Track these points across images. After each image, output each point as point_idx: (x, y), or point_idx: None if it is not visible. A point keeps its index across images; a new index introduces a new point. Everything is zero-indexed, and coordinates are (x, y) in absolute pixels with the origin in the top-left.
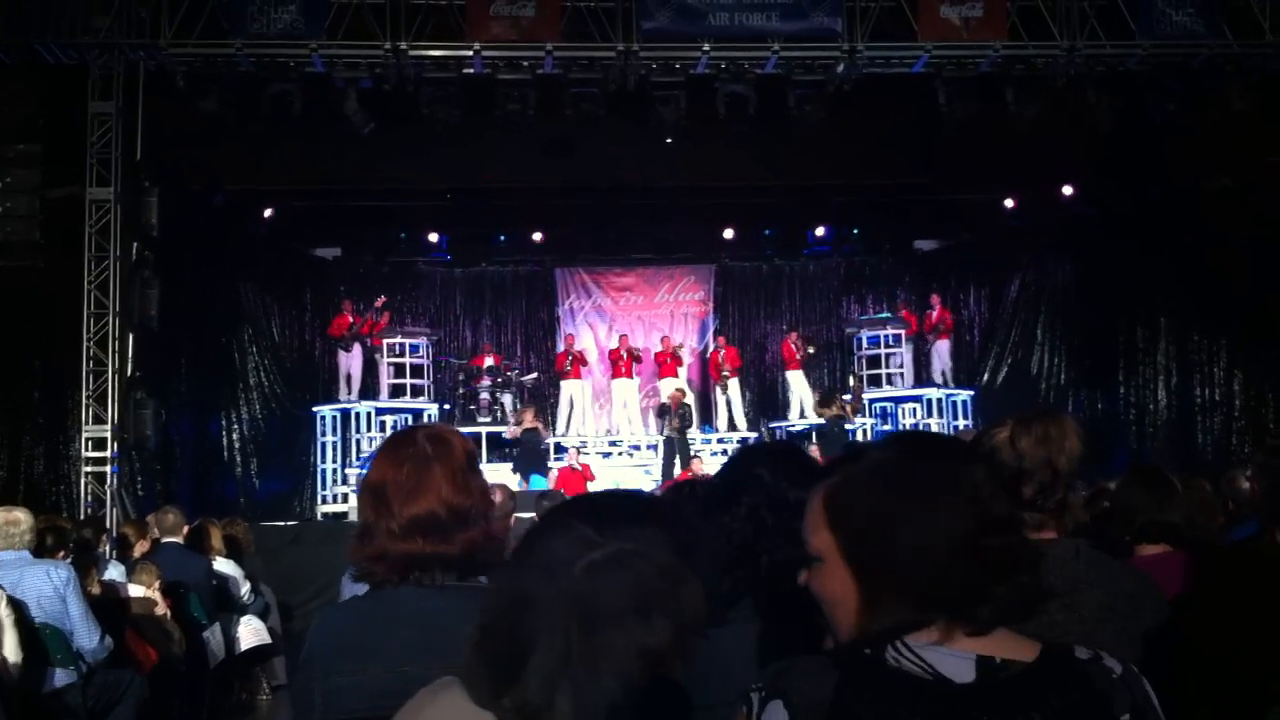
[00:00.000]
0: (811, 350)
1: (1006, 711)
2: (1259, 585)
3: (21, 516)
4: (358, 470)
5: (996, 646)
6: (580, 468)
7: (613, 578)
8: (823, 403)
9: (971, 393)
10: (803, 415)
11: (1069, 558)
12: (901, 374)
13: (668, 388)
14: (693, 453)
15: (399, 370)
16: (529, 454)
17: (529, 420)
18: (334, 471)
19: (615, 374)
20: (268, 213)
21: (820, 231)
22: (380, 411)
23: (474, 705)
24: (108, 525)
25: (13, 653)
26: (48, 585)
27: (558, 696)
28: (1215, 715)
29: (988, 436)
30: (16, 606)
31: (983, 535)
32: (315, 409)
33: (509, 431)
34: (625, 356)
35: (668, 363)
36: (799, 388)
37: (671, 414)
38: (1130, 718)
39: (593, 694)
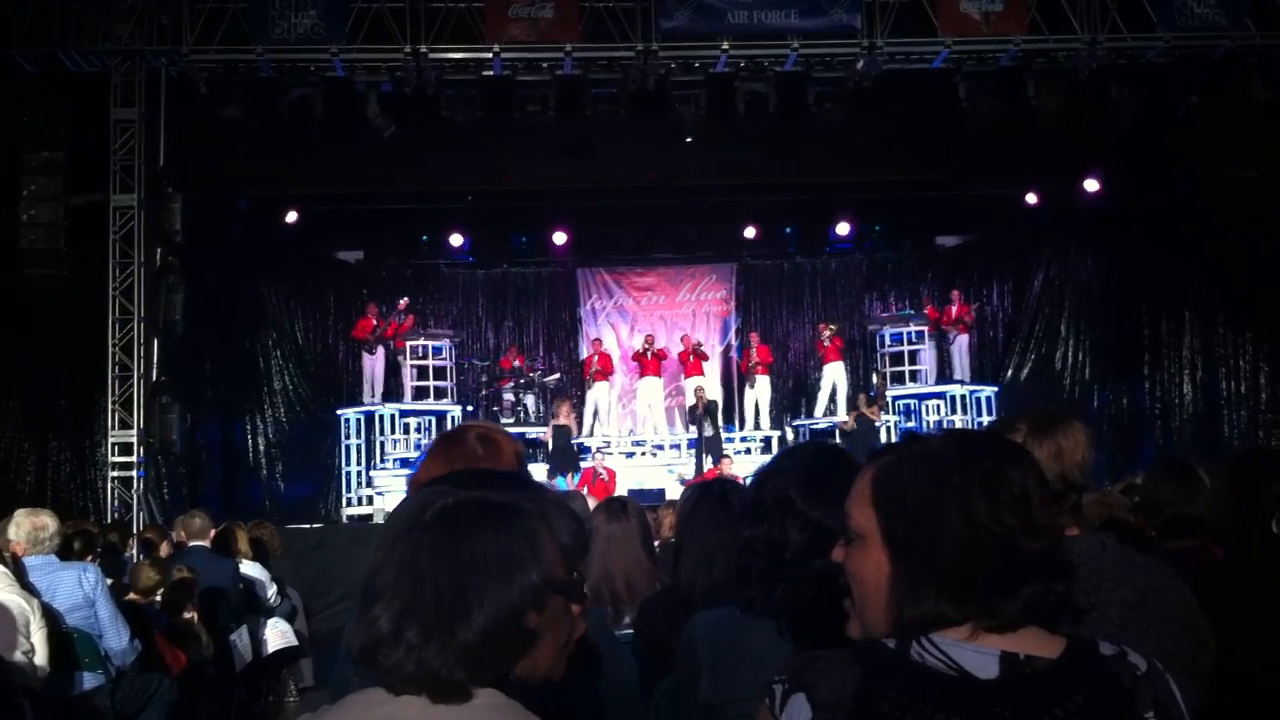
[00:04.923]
0: (831, 331)
1: (1030, 708)
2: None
3: (49, 521)
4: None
5: (1021, 643)
6: (605, 474)
7: None
8: (850, 406)
9: (995, 389)
10: (829, 411)
11: (1095, 553)
12: (925, 371)
13: (692, 386)
14: (723, 451)
15: (422, 372)
16: (560, 452)
17: (564, 416)
18: (358, 474)
19: (643, 372)
20: (290, 217)
21: (842, 229)
22: (404, 414)
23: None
24: (135, 529)
25: (42, 658)
26: (78, 589)
27: None
28: (1233, 710)
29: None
30: (49, 613)
31: (1023, 536)
32: (339, 412)
33: (547, 433)
34: (650, 356)
35: (691, 361)
36: (836, 381)
37: (702, 413)
38: (1154, 715)
39: None
